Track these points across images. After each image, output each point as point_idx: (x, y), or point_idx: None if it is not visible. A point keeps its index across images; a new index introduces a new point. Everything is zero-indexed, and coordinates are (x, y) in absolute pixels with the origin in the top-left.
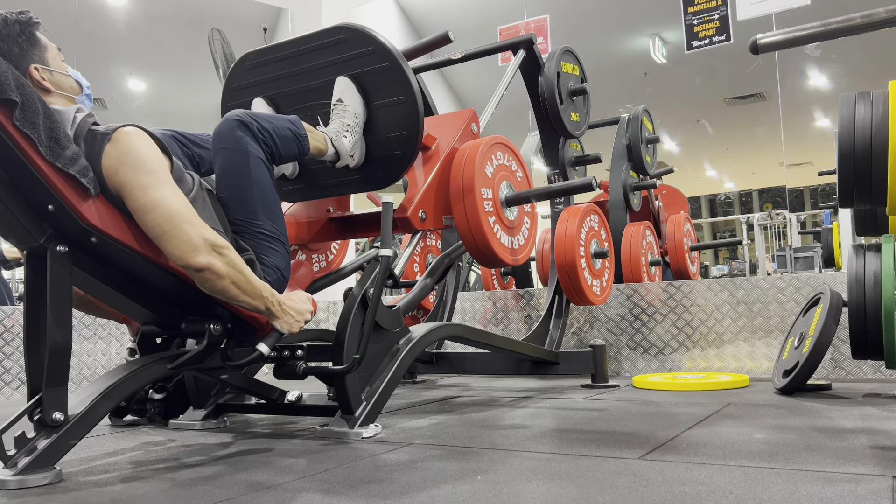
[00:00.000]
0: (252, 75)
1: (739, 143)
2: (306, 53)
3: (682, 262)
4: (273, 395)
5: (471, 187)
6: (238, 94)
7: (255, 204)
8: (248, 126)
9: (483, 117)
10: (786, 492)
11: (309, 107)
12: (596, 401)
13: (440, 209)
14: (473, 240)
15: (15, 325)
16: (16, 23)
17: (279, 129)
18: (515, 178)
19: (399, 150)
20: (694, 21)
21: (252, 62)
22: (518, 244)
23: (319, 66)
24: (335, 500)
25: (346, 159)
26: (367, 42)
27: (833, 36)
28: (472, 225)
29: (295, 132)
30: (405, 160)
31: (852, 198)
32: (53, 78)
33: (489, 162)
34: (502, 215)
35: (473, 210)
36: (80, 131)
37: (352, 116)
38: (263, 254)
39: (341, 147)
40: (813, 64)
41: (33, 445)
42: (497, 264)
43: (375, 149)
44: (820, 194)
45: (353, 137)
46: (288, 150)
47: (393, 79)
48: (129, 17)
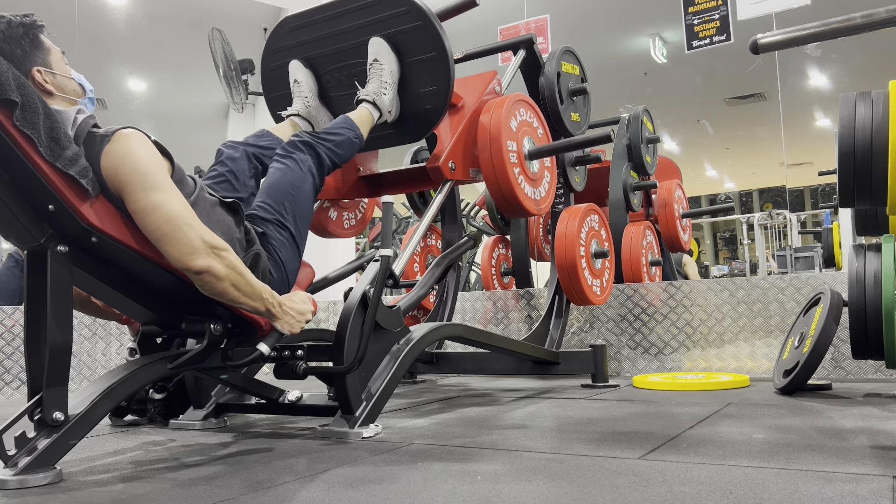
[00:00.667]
0: (291, 38)
1: (740, 142)
2: (342, 16)
3: (673, 229)
4: (273, 395)
5: (497, 137)
6: (277, 56)
7: (291, 207)
8: (316, 149)
9: None
10: (786, 492)
11: (345, 65)
12: (596, 401)
13: (468, 162)
14: (500, 188)
15: (15, 325)
16: (19, 25)
17: (343, 144)
18: (536, 134)
19: (430, 105)
20: (694, 21)
21: (292, 25)
22: (540, 195)
23: (355, 27)
24: (335, 500)
25: (385, 115)
26: (402, 3)
27: (833, 36)
28: (499, 174)
29: (354, 138)
30: (436, 114)
31: (853, 197)
32: (56, 81)
33: (513, 117)
34: (526, 167)
35: (500, 160)
36: (81, 132)
37: (388, 74)
38: (281, 248)
39: (382, 105)
40: (813, 64)
41: (34, 445)
42: (522, 213)
43: (408, 104)
44: (820, 194)
45: (391, 94)
46: (350, 154)
47: (426, 36)
48: (130, 18)
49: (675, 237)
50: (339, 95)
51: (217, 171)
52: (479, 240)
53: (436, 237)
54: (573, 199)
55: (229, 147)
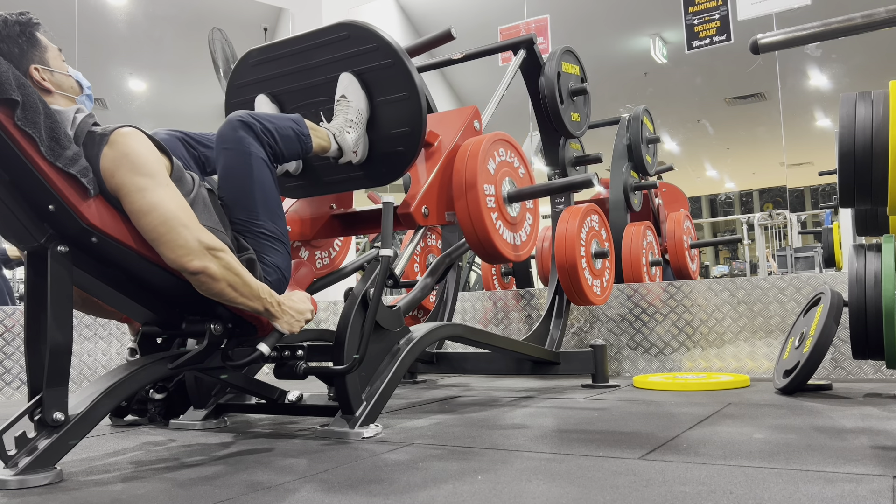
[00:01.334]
0: (256, 72)
1: (740, 142)
2: (310, 50)
3: (682, 260)
4: (273, 395)
5: (473, 183)
6: (242, 91)
7: (256, 204)
8: (251, 127)
9: (484, 117)
10: (786, 492)
11: (312, 103)
12: (596, 401)
13: (443, 205)
14: (476, 235)
15: (15, 325)
16: (16, 23)
17: (282, 129)
18: (517, 174)
19: (402, 147)
20: (694, 21)
21: (256, 59)
22: (520, 240)
23: (323, 62)
24: (336, 500)
25: (349, 155)
26: (371, 39)
27: (833, 36)
28: (475, 221)
29: (297, 131)
30: (408, 156)
31: (853, 198)
32: (54, 78)
33: (492, 158)
34: (504, 211)
35: (476, 206)
36: (80, 132)
37: (355, 112)
38: (264, 253)
39: (344, 143)
40: (813, 64)
41: (34, 445)
42: (500, 260)
43: (378, 145)
44: (820, 194)
45: (357, 133)
46: (291, 149)
47: (396, 75)
48: (130, 17)
49: (685, 267)
50: None
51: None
52: None
53: (436, 237)
54: (573, 199)
55: (164, 133)
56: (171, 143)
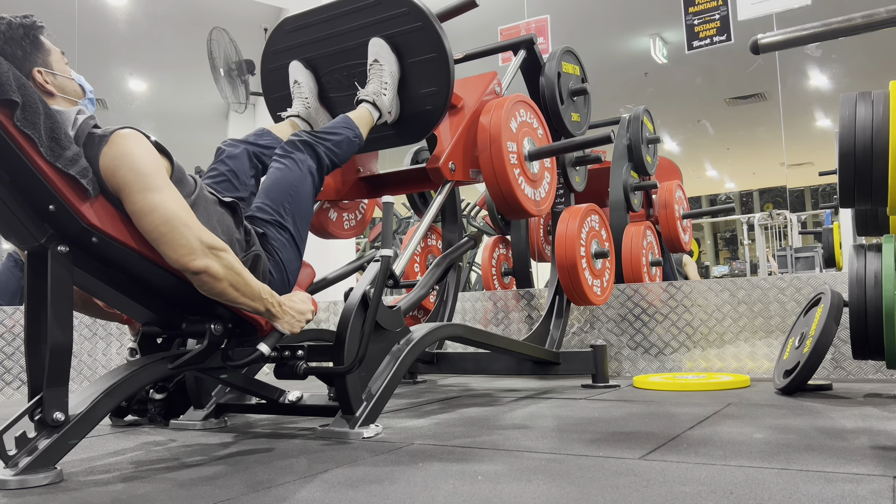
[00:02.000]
0: (291, 39)
1: (740, 143)
2: (343, 16)
3: (674, 230)
4: (274, 395)
5: (497, 138)
6: (277, 58)
7: (289, 204)
8: (315, 149)
9: None
10: (786, 492)
11: (345, 66)
12: (597, 401)
13: (468, 163)
14: (500, 189)
15: (16, 325)
16: (20, 26)
17: (342, 143)
18: (536, 134)
19: (430, 105)
20: (694, 21)
21: (291, 26)
22: (540, 196)
23: (355, 27)
24: (336, 500)
25: (385, 116)
26: (402, 3)
27: (834, 36)
28: (499, 174)
29: (352, 136)
30: (436, 115)
31: (853, 198)
32: (57, 81)
33: (513, 118)
34: (526, 168)
35: (500, 161)
36: (81, 133)
37: (388, 74)
38: (281, 248)
39: (382, 105)
40: (814, 64)
41: (34, 445)
42: (522, 214)
43: (408, 105)
44: (821, 194)
45: (391, 95)
46: (348, 153)
47: (426, 37)
48: (130, 18)
49: (676, 238)
50: (340, 96)
51: (217, 169)
52: (480, 240)
53: (436, 237)
54: (573, 199)
55: (230, 145)
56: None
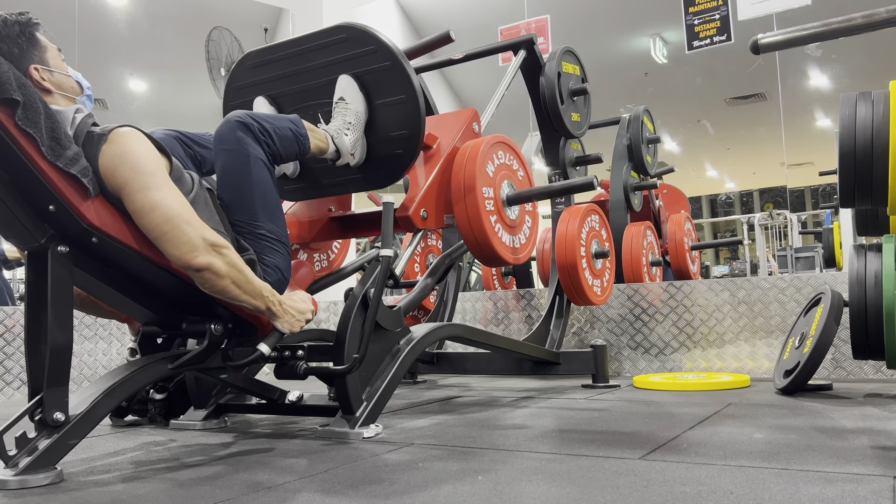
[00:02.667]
0: (254, 74)
1: (740, 143)
2: (308, 52)
3: (683, 262)
4: (274, 396)
5: (472, 186)
6: (240, 94)
7: (255, 205)
8: (249, 127)
9: (484, 117)
10: (787, 492)
11: (311, 105)
12: (597, 401)
13: (441, 208)
14: (475, 238)
15: (16, 325)
16: (15, 24)
17: (280, 129)
18: (517, 177)
19: (400, 149)
20: (695, 21)
21: (254, 61)
22: (519, 243)
23: (321, 64)
24: (336, 500)
25: (346, 157)
26: (369, 41)
27: (834, 36)
28: (474, 224)
29: (295, 131)
30: (406, 159)
31: (853, 198)
32: (54, 78)
33: (490, 161)
34: (503, 214)
35: (475, 209)
36: (80, 132)
37: (353, 115)
38: (264, 254)
39: (342, 145)
40: (814, 64)
41: (34, 445)
42: (498, 263)
43: (377, 148)
44: (821, 194)
45: (355, 136)
46: (289, 150)
47: (394, 77)
48: (130, 18)
49: (685, 269)
50: None
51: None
52: None
53: (436, 237)
54: (574, 199)
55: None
56: (168, 142)
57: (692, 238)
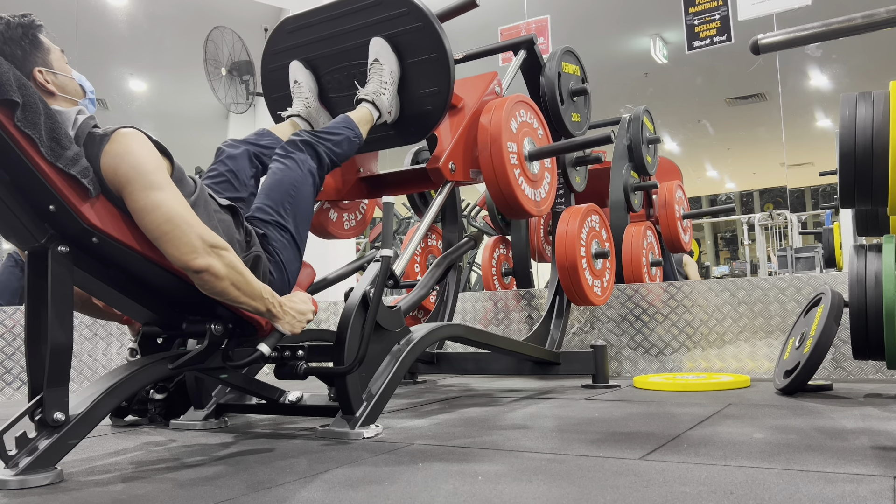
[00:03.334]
0: (291, 39)
1: (740, 143)
2: (343, 16)
3: (674, 231)
4: (274, 396)
5: (497, 138)
6: (277, 57)
7: (289, 205)
8: (315, 149)
9: None
10: (787, 492)
11: (345, 66)
12: (597, 401)
13: (468, 163)
14: (500, 189)
15: (16, 325)
16: (18, 26)
17: (342, 143)
18: (537, 135)
19: (430, 105)
20: (695, 21)
21: (291, 26)
22: (540, 196)
23: (355, 27)
24: (336, 500)
25: (385, 116)
26: (402, 3)
27: (834, 36)
28: (499, 175)
29: (352, 136)
30: (436, 115)
31: (853, 198)
32: (57, 80)
33: (514, 118)
34: (526, 168)
35: (500, 161)
36: (81, 133)
37: (388, 74)
38: (282, 249)
39: (382, 105)
40: (814, 64)
41: (34, 445)
42: (522, 214)
43: (409, 105)
44: (821, 194)
45: (390, 94)
46: (349, 153)
47: (426, 37)
48: (130, 18)
49: (676, 238)
50: (339, 97)
51: (217, 170)
52: (480, 240)
53: (436, 237)
54: (574, 199)
55: (230, 146)
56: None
57: (684, 206)
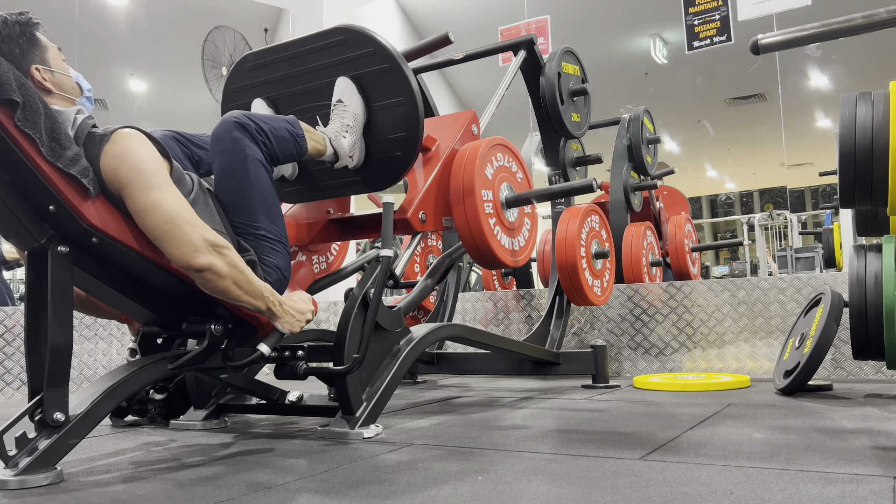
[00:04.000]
0: (252, 76)
1: (740, 143)
2: (306, 54)
3: (683, 263)
4: (274, 396)
5: (471, 189)
6: (238, 96)
7: (254, 205)
8: (246, 127)
9: (484, 118)
10: (787, 492)
11: (309, 108)
12: (597, 401)
13: (440, 210)
14: (474, 241)
15: (16, 326)
16: (16, 24)
17: (277, 130)
18: (515, 179)
19: (399, 152)
20: (695, 21)
21: (252, 63)
22: (518, 245)
23: (320, 67)
24: (336, 500)
25: (345, 160)
26: (367, 43)
27: (834, 36)
28: (473, 226)
29: (292, 132)
30: (405, 161)
31: (853, 198)
32: (55, 78)
33: (489, 163)
34: (502, 216)
35: (474, 211)
36: (81, 133)
37: (351, 117)
38: (264, 254)
39: (340, 147)
40: (814, 64)
41: (34, 446)
42: (497, 266)
43: (375, 150)
44: (821, 195)
45: (353, 138)
46: (286, 151)
47: (393, 80)
48: (130, 18)
49: (686, 271)
50: None
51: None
52: None
53: (436, 237)
54: (573, 200)
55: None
56: (166, 142)
57: (692, 240)
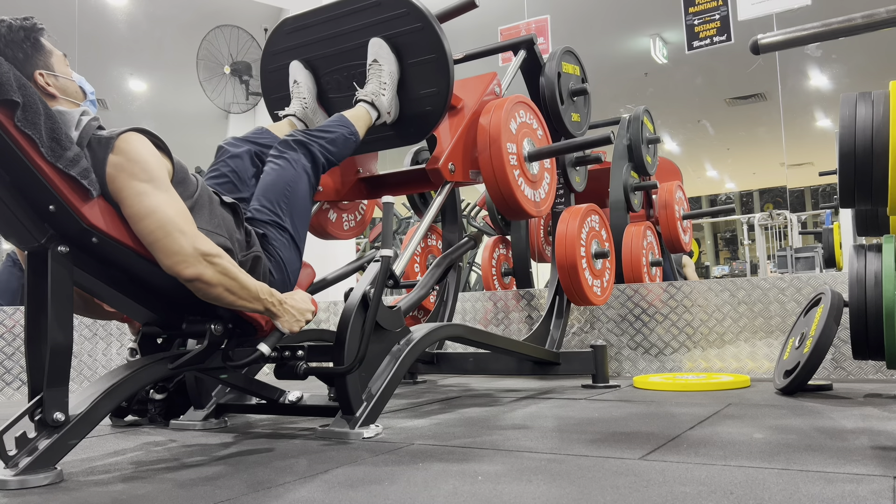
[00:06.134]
0: (290, 39)
1: (740, 143)
2: (342, 17)
3: (674, 231)
4: (274, 396)
5: (497, 139)
6: (277, 58)
7: (287, 204)
8: (309, 148)
9: None
10: (787, 492)
11: (345, 67)
12: (597, 401)
13: (467, 164)
14: (499, 190)
15: (16, 326)
16: (20, 29)
17: (337, 141)
18: (536, 135)
19: (430, 106)
20: (695, 21)
21: (290, 27)
22: (539, 197)
23: (355, 28)
24: (336, 500)
25: (384, 116)
26: (401, 4)
27: (834, 36)
28: (499, 176)
29: (348, 134)
30: (435, 116)
31: (853, 198)
32: (59, 83)
33: (513, 118)
34: (525, 169)
35: (500, 162)
36: (86, 134)
37: (388, 75)
38: (281, 248)
39: (381, 105)
40: (814, 64)
41: (34, 446)
42: (521, 215)
43: (408, 106)
44: (821, 194)
45: (389, 94)
46: (345, 152)
47: (425, 38)
48: (130, 18)
49: (676, 238)
50: (339, 97)
51: (219, 170)
52: (480, 240)
53: (436, 238)
54: (573, 199)
55: (232, 145)
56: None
57: (684, 207)
